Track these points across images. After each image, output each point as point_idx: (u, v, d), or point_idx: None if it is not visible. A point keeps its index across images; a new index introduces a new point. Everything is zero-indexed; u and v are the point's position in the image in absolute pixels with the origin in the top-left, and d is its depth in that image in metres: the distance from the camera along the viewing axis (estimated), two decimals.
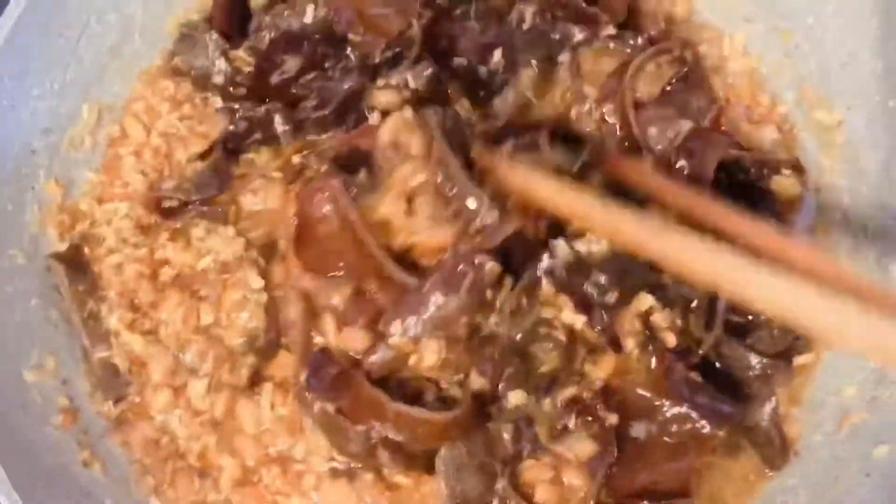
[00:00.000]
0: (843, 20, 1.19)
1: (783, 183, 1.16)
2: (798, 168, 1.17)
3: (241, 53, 1.19)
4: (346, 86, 1.17)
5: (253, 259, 1.13)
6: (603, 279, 1.07)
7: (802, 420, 1.13)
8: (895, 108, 1.13)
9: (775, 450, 1.10)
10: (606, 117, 1.20)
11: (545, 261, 1.08)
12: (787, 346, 1.12)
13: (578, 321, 1.07)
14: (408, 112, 1.10)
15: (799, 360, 1.14)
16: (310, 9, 1.18)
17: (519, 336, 1.08)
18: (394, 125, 1.09)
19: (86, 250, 1.18)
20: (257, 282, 1.11)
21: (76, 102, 1.18)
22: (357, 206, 1.08)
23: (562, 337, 1.07)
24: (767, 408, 1.10)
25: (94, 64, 1.19)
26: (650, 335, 1.07)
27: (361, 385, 1.05)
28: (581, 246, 1.08)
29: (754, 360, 1.09)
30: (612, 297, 1.07)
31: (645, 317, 1.07)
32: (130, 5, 1.21)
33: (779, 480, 1.10)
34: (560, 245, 1.08)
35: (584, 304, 1.07)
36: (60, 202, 1.16)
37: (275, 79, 1.19)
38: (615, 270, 1.07)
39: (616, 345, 1.07)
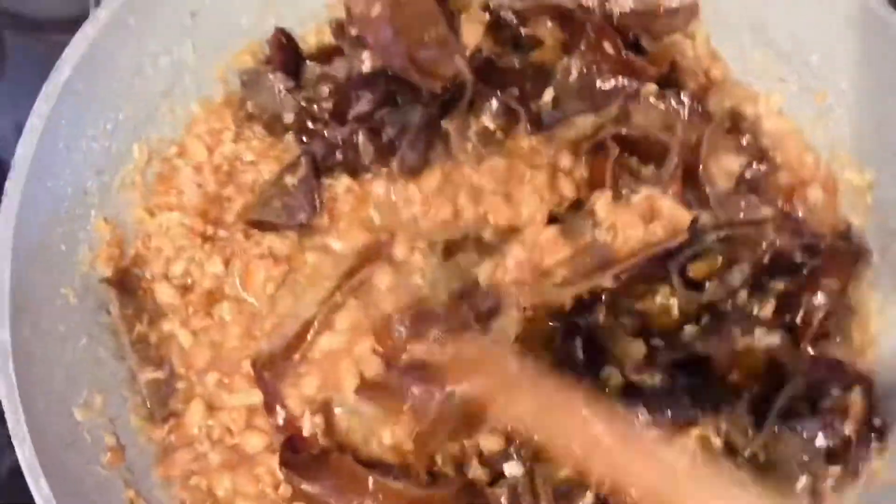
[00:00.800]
0: (876, 85, 1.21)
1: None
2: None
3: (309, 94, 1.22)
4: (420, 116, 1.20)
5: None
6: (646, 413, 1.09)
7: None
8: None
9: None
10: None
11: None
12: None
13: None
14: None
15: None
16: (366, 57, 1.20)
17: None
18: None
19: (136, 272, 1.20)
20: None
21: (128, 142, 1.20)
22: None
23: None
24: None
25: (146, 105, 1.22)
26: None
27: (341, 461, 1.08)
28: (635, 376, 1.11)
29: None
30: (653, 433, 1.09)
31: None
32: (182, 49, 1.23)
33: None
34: (613, 374, 1.12)
35: None
36: (110, 238, 1.18)
37: (351, 115, 1.21)
38: (660, 406, 1.10)
39: None
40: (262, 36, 1.30)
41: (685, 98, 1.23)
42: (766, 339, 1.15)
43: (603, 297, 1.16)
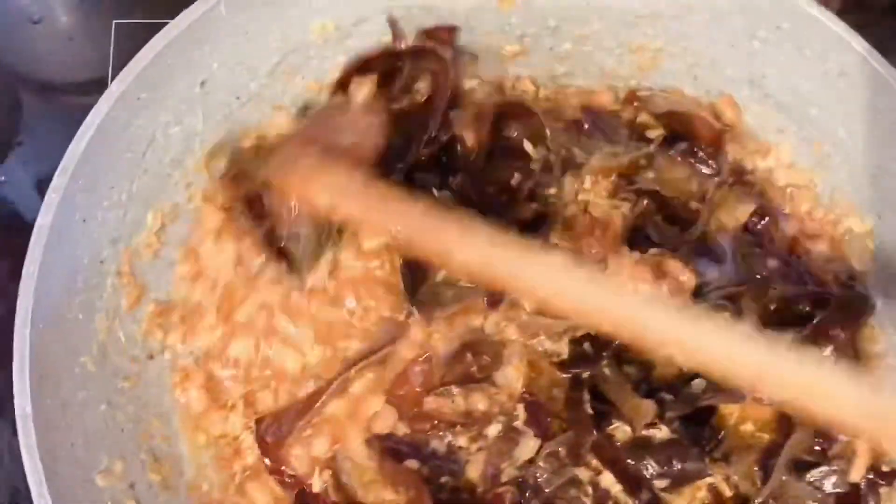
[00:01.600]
0: (872, 134, 1.23)
1: None
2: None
3: None
4: None
5: None
6: (655, 467, 1.12)
7: None
8: None
9: None
10: None
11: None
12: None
13: (615, 488, 1.12)
14: None
15: None
16: None
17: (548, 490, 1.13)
18: None
19: None
20: None
21: (141, 211, 1.23)
22: None
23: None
24: None
25: (158, 174, 1.24)
26: None
27: None
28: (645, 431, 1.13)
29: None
30: (662, 483, 1.12)
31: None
32: (192, 118, 1.25)
33: None
34: (620, 427, 1.14)
35: (630, 479, 1.13)
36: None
37: None
38: (669, 460, 1.12)
39: None
40: (271, 100, 1.31)
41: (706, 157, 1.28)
42: None
43: (606, 351, 1.18)
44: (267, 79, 1.30)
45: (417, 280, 1.22)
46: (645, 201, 1.26)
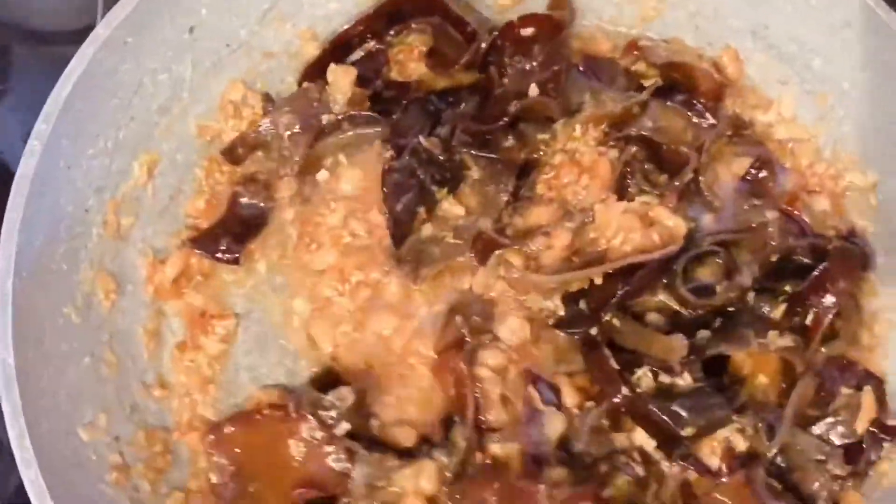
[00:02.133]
0: (878, 86, 1.21)
1: None
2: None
3: None
4: None
5: None
6: (684, 413, 1.10)
7: None
8: None
9: None
10: None
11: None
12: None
13: (649, 445, 1.11)
14: None
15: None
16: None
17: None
18: None
19: None
20: None
21: (127, 160, 1.20)
22: None
23: (640, 470, 1.11)
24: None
25: (145, 122, 1.21)
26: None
27: None
28: (665, 378, 1.11)
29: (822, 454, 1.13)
30: (689, 431, 1.10)
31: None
32: (181, 65, 1.22)
33: None
34: (644, 376, 1.11)
35: (663, 434, 1.11)
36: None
37: None
38: (696, 406, 1.10)
39: (702, 469, 1.11)
40: (261, 48, 1.28)
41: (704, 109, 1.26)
42: (780, 342, 1.15)
43: (605, 309, 1.15)
44: (257, 25, 1.28)
45: (404, 232, 1.21)
46: (634, 148, 1.24)
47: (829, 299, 1.17)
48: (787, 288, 1.19)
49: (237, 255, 1.23)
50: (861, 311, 1.23)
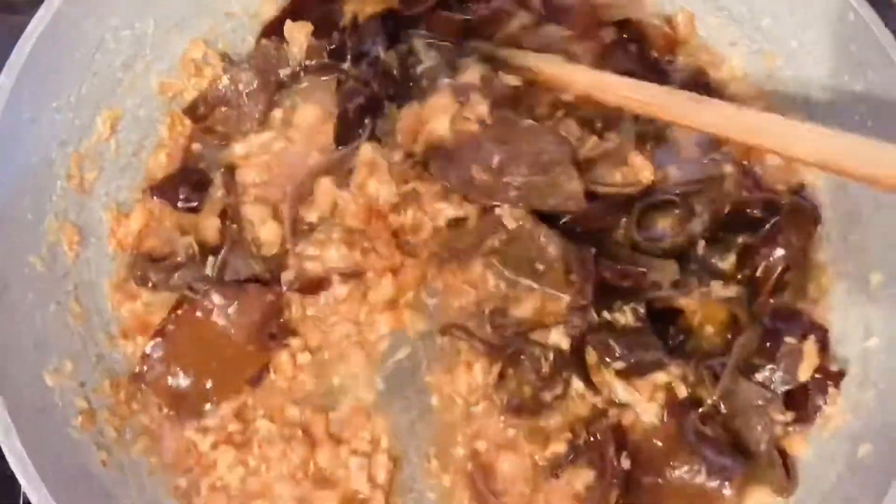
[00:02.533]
0: (824, 44, 1.24)
1: None
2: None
3: None
4: None
5: None
6: (617, 349, 1.14)
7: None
8: (873, 127, 1.18)
9: (780, 475, 1.15)
10: None
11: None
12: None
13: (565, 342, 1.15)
14: None
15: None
16: None
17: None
18: None
19: None
20: None
21: (90, 115, 1.22)
22: None
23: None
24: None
25: (108, 78, 1.23)
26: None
27: None
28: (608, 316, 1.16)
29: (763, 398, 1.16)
30: (619, 366, 1.15)
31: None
32: (143, 22, 1.25)
33: None
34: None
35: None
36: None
37: None
38: (630, 344, 1.15)
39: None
40: (224, 7, 1.31)
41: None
42: (723, 292, 1.19)
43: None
44: None
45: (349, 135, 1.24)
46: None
47: (779, 252, 1.21)
48: (740, 240, 1.22)
49: (196, 203, 1.24)
50: (809, 265, 1.25)
